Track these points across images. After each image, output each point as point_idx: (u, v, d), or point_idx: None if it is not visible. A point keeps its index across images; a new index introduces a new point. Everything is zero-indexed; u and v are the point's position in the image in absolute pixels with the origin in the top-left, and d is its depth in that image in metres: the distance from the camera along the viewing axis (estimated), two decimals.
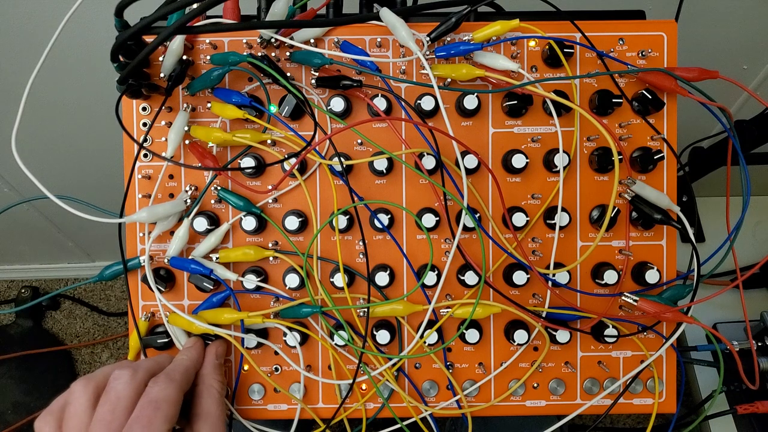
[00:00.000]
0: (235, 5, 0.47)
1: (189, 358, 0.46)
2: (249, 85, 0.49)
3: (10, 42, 0.86)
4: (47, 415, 0.41)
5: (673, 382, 0.51)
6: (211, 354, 0.48)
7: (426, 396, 0.50)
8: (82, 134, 1.04)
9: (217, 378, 0.46)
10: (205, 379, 0.46)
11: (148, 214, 0.46)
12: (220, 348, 0.49)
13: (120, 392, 0.40)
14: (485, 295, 0.49)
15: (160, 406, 0.40)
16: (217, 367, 0.47)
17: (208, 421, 0.43)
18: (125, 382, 0.41)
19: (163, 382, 0.42)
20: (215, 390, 0.45)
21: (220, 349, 0.49)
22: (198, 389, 0.45)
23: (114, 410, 0.40)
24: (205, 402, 0.44)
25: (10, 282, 1.61)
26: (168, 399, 0.41)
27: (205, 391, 0.45)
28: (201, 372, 0.46)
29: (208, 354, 0.48)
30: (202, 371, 0.46)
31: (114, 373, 0.41)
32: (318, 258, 0.49)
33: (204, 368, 0.47)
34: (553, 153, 0.48)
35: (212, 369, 0.46)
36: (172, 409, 0.41)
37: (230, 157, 0.49)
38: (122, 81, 0.43)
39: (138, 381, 0.41)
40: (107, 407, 0.40)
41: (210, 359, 0.47)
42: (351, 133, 0.48)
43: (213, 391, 0.45)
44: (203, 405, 0.44)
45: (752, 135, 0.66)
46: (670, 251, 0.50)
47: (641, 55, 0.48)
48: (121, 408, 0.40)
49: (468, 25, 0.48)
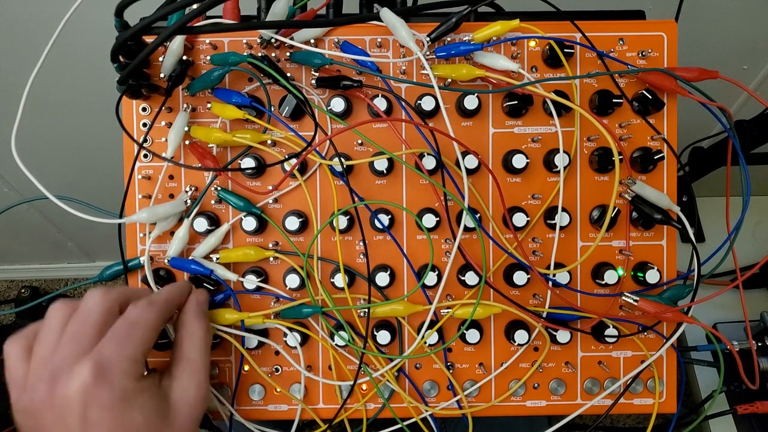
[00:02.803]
0: (235, 5, 0.47)
1: (171, 291, 0.44)
2: (249, 86, 0.49)
3: (11, 42, 0.86)
4: (19, 337, 0.39)
5: (673, 382, 0.51)
6: (192, 300, 0.45)
7: (426, 396, 0.50)
8: (82, 134, 1.04)
9: (200, 325, 0.43)
10: (187, 324, 0.43)
11: (148, 214, 0.46)
12: (201, 296, 0.46)
13: (91, 308, 0.38)
14: (486, 295, 0.49)
15: (139, 325, 0.38)
16: (200, 313, 0.44)
17: (189, 368, 0.41)
18: (97, 299, 0.39)
19: (143, 305, 0.40)
20: (198, 337, 0.43)
21: (201, 297, 0.46)
22: (179, 334, 0.43)
23: (83, 325, 0.38)
24: (186, 348, 0.42)
25: (10, 282, 1.61)
26: (147, 322, 0.39)
27: (186, 336, 0.43)
28: (183, 316, 0.44)
29: (190, 299, 0.45)
30: (184, 315, 0.44)
31: (87, 292, 0.40)
32: (318, 258, 0.49)
33: (186, 312, 0.44)
34: (554, 153, 0.48)
35: (195, 314, 0.44)
36: (150, 333, 0.39)
37: (230, 157, 0.49)
38: (122, 81, 0.43)
39: (111, 299, 0.39)
40: (77, 323, 0.38)
41: (192, 304, 0.44)
42: (351, 134, 0.48)
43: (195, 338, 0.43)
44: (184, 350, 0.42)
45: (752, 135, 0.66)
46: (670, 251, 0.50)
47: (641, 55, 0.48)
48: (91, 323, 0.38)
49: (468, 25, 0.48)
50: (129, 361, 0.37)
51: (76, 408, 0.35)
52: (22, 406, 0.37)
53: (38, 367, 0.37)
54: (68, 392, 0.35)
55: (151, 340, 0.39)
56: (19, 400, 0.38)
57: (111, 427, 0.36)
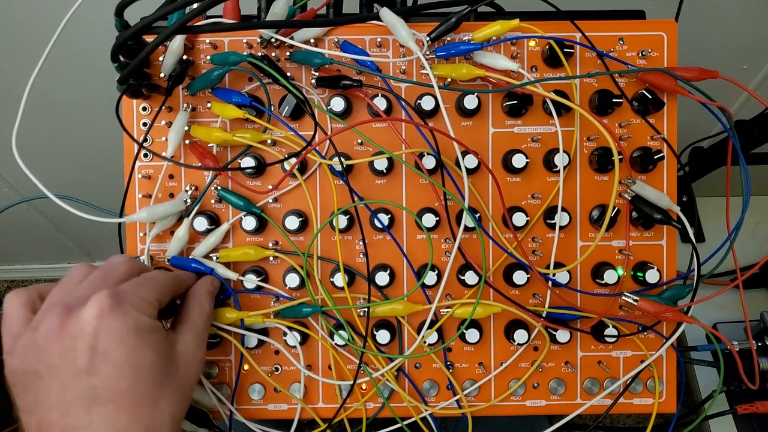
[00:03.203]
0: (235, 5, 0.47)
1: (182, 273, 0.47)
2: (249, 85, 0.49)
3: (11, 42, 0.86)
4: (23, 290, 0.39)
5: (673, 382, 0.51)
6: (206, 280, 0.47)
7: (426, 396, 0.50)
8: (82, 134, 1.04)
9: (208, 301, 0.45)
10: (197, 296, 0.45)
11: (148, 214, 0.46)
12: (215, 281, 0.48)
13: (115, 263, 0.41)
14: (485, 294, 0.49)
15: (155, 280, 0.41)
16: (209, 292, 0.46)
17: (194, 329, 0.42)
18: (122, 259, 0.42)
19: (158, 272, 0.43)
20: (204, 310, 0.44)
21: (215, 281, 0.48)
22: (188, 301, 0.44)
23: (107, 274, 0.40)
24: (192, 312, 0.43)
25: (10, 282, 1.61)
26: (161, 280, 0.41)
27: (195, 304, 0.44)
28: (192, 290, 0.45)
29: (203, 279, 0.47)
30: (196, 288, 0.45)
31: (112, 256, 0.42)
32: (318, 258, 0.49)
33: (199, 287, 0.46)
34: (553, 153, 0.48)
35: (204, 291, 0.45)
36: (164, 288, 0.41)
37: (230, 157, 0.49)
38: (122, 81, 0.43)
39: (134, 263, 0.42)
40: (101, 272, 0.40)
41: (204, 282, 0.46)
42: (351, 133, 0.48)
43: (202, 309, 0.44)
44: (190, 314, 0.43)
45: (752, 135, 0.66)
46: (670, 251, 0.50)
47: (641, 55, 0.48)
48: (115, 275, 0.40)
49: (468, 25, 0.48)
50: (144, 301, 0.38)
51: (87, 334, 0.35)
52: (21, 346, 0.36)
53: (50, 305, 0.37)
54: (82, 318, 0.35)
55: (164, 297, 0.40)
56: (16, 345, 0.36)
57: (118, 360, 0.35)
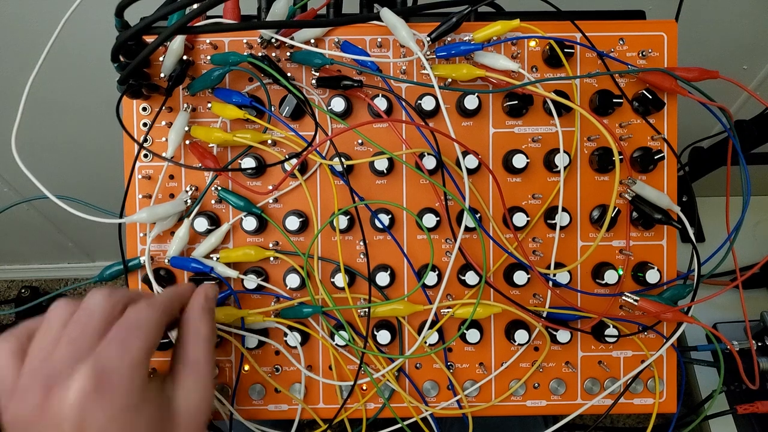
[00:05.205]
0: (235, 5, 0.47)
1: (173, 291, 0.41)
2: (249, 85, 0.49)
3: (10, 42, 0.86)
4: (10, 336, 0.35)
5: (673, 382, 0.51)
6: (199, 295, 0.42)
7: (426, 396, 0.50)
8: (82, 134, 1.04)
9: (205, 322, 0.40)
10: (191, 323, 0.40)
11: (148, 214, 0.46)
12: (210, 289, 0.43)
13: (93, 308, 0.36)
14: (486, 295, 0.49)
15: (140, 327, 0.35)
16: (205, 309, 0.41)
17: (194, 370, 0.38)
18: (100, 299, 0.36)
19: (144, 307, 0.37)
20: (202, 336, 0.39)
21: (211, 291, 0.43)
22: (182, 333, 0.40)
23: (84, 326, 0.35)
24: (190, 348, 0.39)
25: (10, 282, 1.61)
26: (148, 323, 0.36)
27: (191, 335, 0.39)
28: (186, 315, 0.40)
29: (196, 294, 0.42)
30: (188, 314, 0.40)
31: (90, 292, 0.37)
32: (318, 258, 0.49)
33: (190, 310, 0.41)
34: (554, 153, 0.48)
35: (200, 311, 0.40)
36: (152, 334, 0.36)
37: (231, 157, 0.49)
38: (122, 81, 0.43)
39: (114, 300, 0.37)
40: (77, 324, 0.35)
41: (198, 300, 0.41)
42: (351, 134, 0.48)
43: (199, 337, 0.39)
44: (188, 351, 0.38)
45: (752, 135, 0.66)
46: (670, 251, 0.50)
47: (641, 55, 0.48)
48: (93, 326, 0.35)
49: (468, 25, 0.48)
50: (131, 368, 0.34)
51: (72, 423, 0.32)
52: (11, 415, 0.34)
53: (32, 370, 0.34)
54: (64, 404, 0.32)
55: (154, 341, 0.36)
56: (8, 408, 0.34)
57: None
